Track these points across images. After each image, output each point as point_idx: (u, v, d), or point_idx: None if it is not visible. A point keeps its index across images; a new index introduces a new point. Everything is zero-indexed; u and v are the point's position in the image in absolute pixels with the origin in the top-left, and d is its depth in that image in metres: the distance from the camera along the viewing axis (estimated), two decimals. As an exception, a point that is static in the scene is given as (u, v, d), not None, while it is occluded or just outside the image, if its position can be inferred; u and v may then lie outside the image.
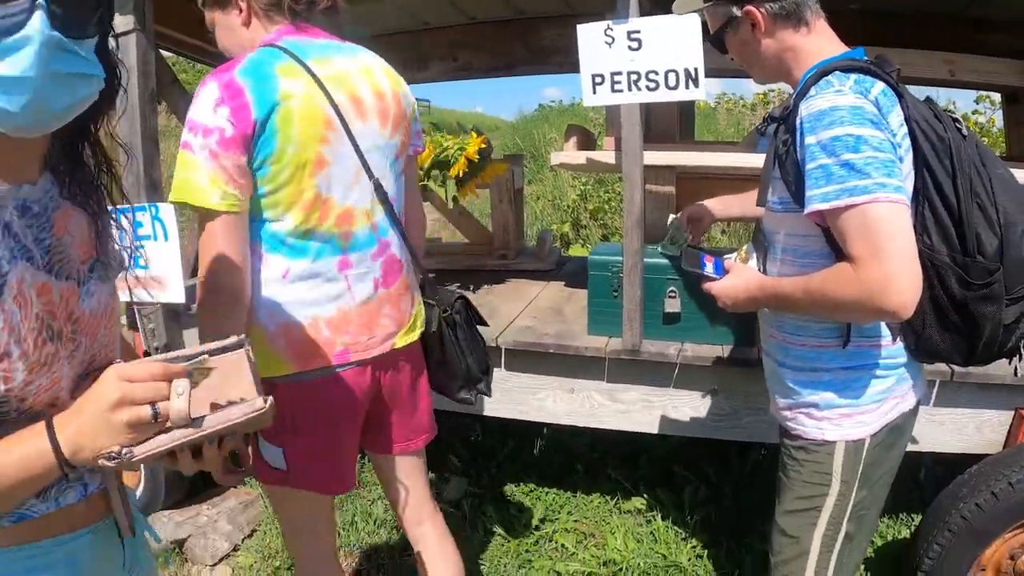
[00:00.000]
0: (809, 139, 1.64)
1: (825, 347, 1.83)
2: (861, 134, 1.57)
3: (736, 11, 1.81)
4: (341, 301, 1.89)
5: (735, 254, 2.05)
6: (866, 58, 1.76)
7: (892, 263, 1.52)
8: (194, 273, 4.49)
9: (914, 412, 1.93)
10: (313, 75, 1.80)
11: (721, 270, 2.05)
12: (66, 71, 0.99)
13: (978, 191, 1.68)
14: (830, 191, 1.58)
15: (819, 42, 1.81)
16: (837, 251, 1.67)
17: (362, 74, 1.93)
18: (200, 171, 1.68)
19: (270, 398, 1.14)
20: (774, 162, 1.82)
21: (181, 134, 1.76)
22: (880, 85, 1.66)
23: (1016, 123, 4.05)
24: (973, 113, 10.59)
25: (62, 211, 1.18)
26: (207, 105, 1.70)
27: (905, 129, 1.67)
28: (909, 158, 1.69)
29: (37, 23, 0.93)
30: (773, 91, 13.21)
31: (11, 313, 1.04)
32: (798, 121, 1.68)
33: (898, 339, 1.81)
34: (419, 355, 2.19)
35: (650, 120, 3.57)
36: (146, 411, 1.03)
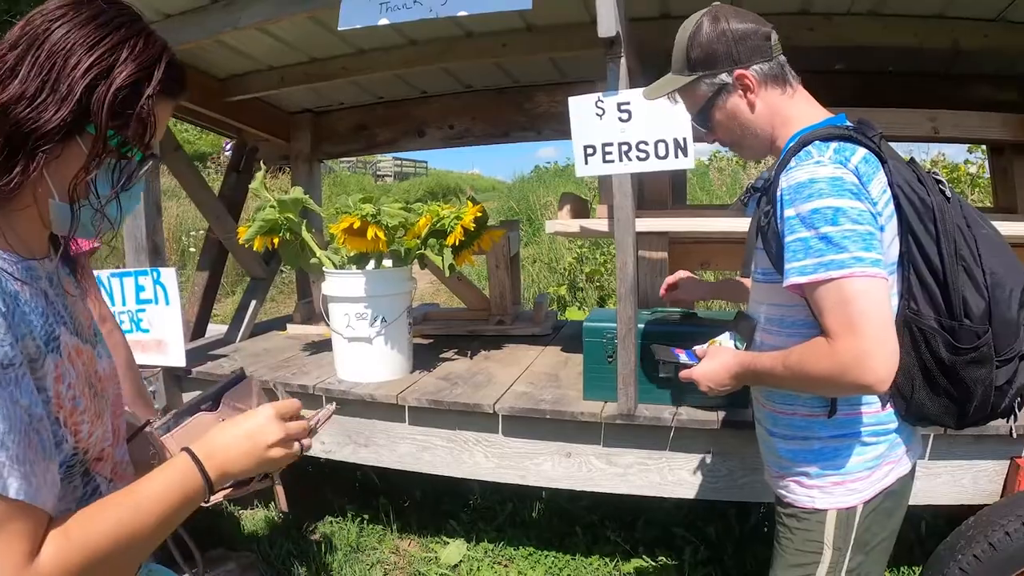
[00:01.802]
0: (788, 211, 1.64)
1: (814, 416, 1.81)
2: (840, 206, 1.57)
3: (727, 77, 1.80)
4: None
5: (706, 344, 2.05)
6: (848, 124, 1.77)
7: (866, 338, 1.52)
8: (195, 336, 4.61)
9: (911, 475, 1.89)
10: None
11: (694, 357, 2.05)
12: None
13: (963, 254, 1.67)
14: (807, 265, 1.59)
15: (802, 106, 1.83)
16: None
17: None
18: None
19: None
20: (756, 233, 1.82)
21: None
22: (861, 152, 1.66)
23: (1002, 174, 4.07)
24: (965, 163, 10.67)
25: (66, 281, 1.25)
26: None
27: (888, 195, 1.67)
28: (893, 224, 1.68)
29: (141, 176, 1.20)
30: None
31: (68, 371, 1.10)
32: (778, 193, 1.68)
33: (888, 405, 1.79)
34: None
35: (643, 186, 3.63)
36: (297, 448, 1.29)
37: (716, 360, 1.93)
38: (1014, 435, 2.61)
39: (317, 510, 4.24)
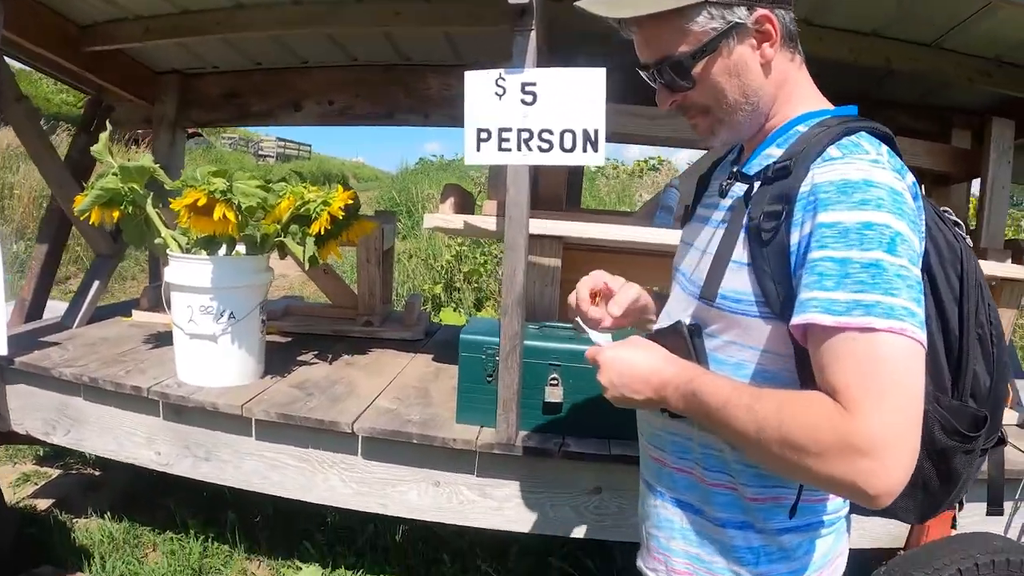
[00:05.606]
0: (824, 216, 1.12)
1: (762, 500, 1.33)
2: (902, 231, 1.09)
3: (745, 15, 1.24)
4: None
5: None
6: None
7: (896, 424, 1.01)
8: (30, 317, 4.07)
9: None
10: None
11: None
12: None
13: (981, 318, 1.28)
14: (839, 300, 1.06)
15: (809, 84, 1.36)
16: (809, 383, 1.16)
17: None
18: None
19: None
20: (744, 239, 1.26)
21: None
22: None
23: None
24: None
25: None
26: None
27: None
28: None
29: None
30: (653, 158, 13.23)
31: None
32: (807, 188, 1.16)
33: None
34: None
35: (537, 183, 3.29)
36: None
37: (642, 352, 1.33)
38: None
39: (157, 523, 3.80)
